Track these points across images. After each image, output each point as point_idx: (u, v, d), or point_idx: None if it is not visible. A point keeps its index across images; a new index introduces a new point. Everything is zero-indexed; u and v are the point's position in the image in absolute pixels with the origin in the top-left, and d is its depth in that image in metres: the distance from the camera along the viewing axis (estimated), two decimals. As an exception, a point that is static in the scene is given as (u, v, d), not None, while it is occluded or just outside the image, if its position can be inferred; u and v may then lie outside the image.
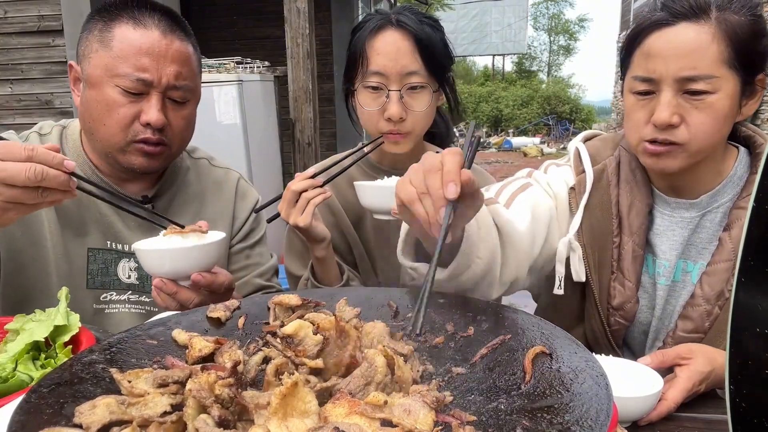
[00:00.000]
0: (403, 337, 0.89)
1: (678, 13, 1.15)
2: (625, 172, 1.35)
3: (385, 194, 1.31)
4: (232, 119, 4.76)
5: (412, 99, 1.45)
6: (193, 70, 1.39)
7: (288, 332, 0.84)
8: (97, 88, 1.30)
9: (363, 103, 1.48)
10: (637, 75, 1.20)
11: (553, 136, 22.83)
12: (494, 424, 0.65)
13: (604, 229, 1.35)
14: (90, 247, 1.40)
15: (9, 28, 5.14)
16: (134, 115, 1.31)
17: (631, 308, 1.33)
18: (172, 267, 1.13)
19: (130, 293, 1.44)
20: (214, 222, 1.53)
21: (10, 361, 0.94)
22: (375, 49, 1.43)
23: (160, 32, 1.31)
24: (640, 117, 1.21)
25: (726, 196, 1.26)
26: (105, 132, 1.32)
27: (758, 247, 0.54)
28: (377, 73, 1.43)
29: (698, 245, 1.29)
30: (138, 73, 1.28)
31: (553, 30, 41.62)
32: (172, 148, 1.39)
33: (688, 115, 1.15)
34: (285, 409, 0.62)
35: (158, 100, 1.31)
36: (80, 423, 0.61)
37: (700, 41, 1.12)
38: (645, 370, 1.01)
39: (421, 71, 1.43)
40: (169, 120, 1.34)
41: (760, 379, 0.57)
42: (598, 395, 0.63)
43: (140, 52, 1.28)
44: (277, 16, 5.20)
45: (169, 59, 1.31)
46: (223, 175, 1.61)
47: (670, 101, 1.14)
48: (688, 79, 1.12)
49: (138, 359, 0.80)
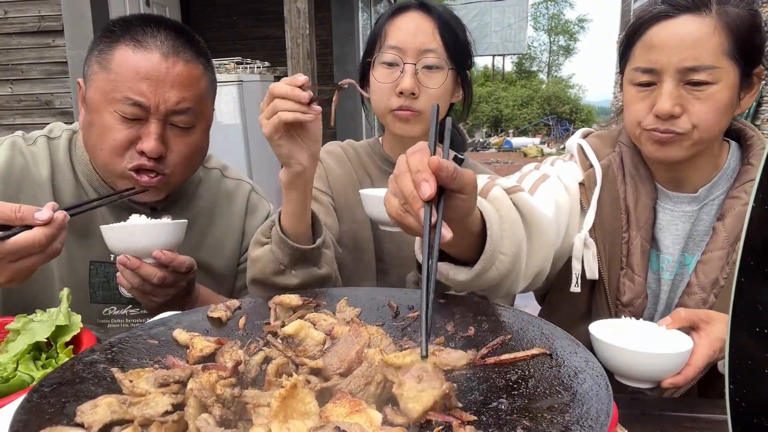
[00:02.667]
0: (403, 338, 0.89)
1: (680, 5, 1.17)
2: (629, 167, 1.36)
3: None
4: (232, 119, 4.77)
5: (428, 78, 1.42)
6: (200, 93, 1.30)
7: (289, 332, 0.84)
8: (96, 112, 1.25)
9: (377, 77, 1.45)
10: (638, 66, 1.21)
11: (553, 136, 22.83)
12: (494, 424, 0.66)
13: (614, 225, 1.35)
14: (92, 260, 1.38)
15: (9, 29, 5.15)
16: (131, 141, 1.25)
17: (640, 304, 1.33)
18: (134, 242, 1.18)
19: (130, 307, 1.42)
20: (223, 238, 1.51)
21: (11, 361, 0.94)
22: (395, 26, 1.43)
23: (161, 54, 1.23)
24: (641, 107, 1.22)
25: (721, 189, 1.29)
26: (102, 158, 1.27)
27: (758, 247, 0.55)
28: (394, 47, 1.41)
29: (696, 238, 1.31)
30: (135, 97, 1.21)
31: (553, 30, 41.65)
32: (172, 177, 1.32)
33: (690, 105, 1.16)
34: (285, 411, 0.62)
35: (157, 127, 1.24)
36: (82, 422, 0.62)
37: (702, 32, 1.14)
38: (673, 332, 1.05)
39: (439, 50, 1.41)
40: (171, 147, 1.28)
41: (760, 379, 0.57)
42: (598, 395, 0.63)
43: (138, 77, 1.22)
44: (277, 16, 5.21)
45: (168, 84, 1.23)
46: (234, 188, 1.56)
47: (671, 91, 1.16)
48: (690, 69, 1.15)
49: (139, 359, 0.80)
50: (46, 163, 1.36)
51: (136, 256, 1.18)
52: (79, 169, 1.39)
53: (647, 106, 1.21)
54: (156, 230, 1.18)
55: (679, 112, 1.17)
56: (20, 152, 1.36)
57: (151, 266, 1.18)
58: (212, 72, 1.37)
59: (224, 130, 4.71)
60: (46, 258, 1.02)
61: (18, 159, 1.35)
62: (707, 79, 1.14)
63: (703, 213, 1.30)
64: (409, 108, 1.42)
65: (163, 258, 1.17)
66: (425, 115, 1.44)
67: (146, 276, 1.18)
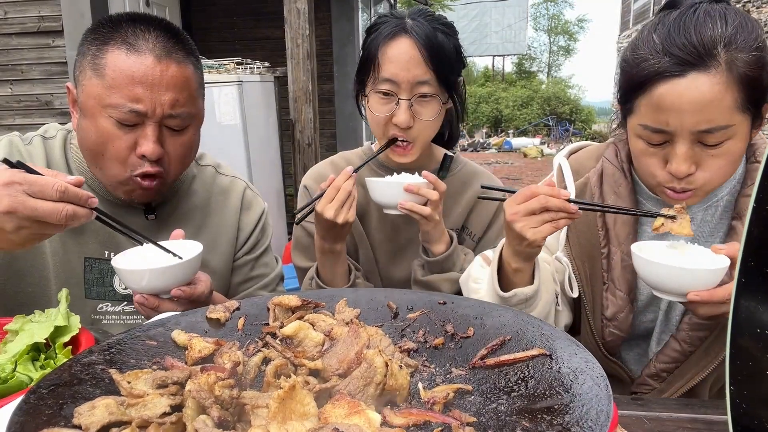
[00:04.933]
0: (402, 338, 0.89)
1: (685, 61, 1.08)
2: (609, 184, 1.35)
3: (394, 190, 1.38)
4: (232, 120, 4.76)
5: (421, 107, 1.46)
6: (192, 94, 1.32)
7: (287, 333, 0.84)
8: (91, 117, 1.25)
9: (373, 108, 1.50)
10: (647, 125, 1.15)
11: (553, 136, 22.82)
12: (494, 425, 0.65)
13: (591, 242, 1.36)
14: (87, 257, 1.39)
15: (9, 29, 5.15)
16: (130, 146, 1.25)
17: (624, 318, 1.33)
18: (151, 285, 1.14)
19: (125, 304, 1.43)
20: (218, 234, 1.51)
21: (9, 361, 0.94)
22: (388, 57, 1.44)
23: (154, 57, 1.23)
24: (654, 162, 1.18)
25: (724, 190, 1.27)
26: (105, 165, 1.28)
27: (758, 248, 0.54)
28: (388, 81, 1.44)
29: (699, 240, 1.29)
30: (131, 104, 1.21)
31: (553, 31, 41.63)
32: (168, 177, 1.33)
33: (705, 162, 1.13)
34: (284, 412, 0.62)
35: (154, 131, 1.25)
36: (79, 424, 0.61)
37: (714, 93, 1.06)
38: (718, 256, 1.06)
39: (431, 81, 1.44)
40: (167, 149, 1.29)
41: (760, 379, 0.57)
42: (598, 396, 0.63)
43: (133, 82, 1.21)
44: (277, 16, 5.20)
45: (164, 87, 1.24)
46: (229, 184, 1.57)
47: (687, 152, 1.12)
48: (704, 131, 1.09)
49: (137, 360, 0.80)
50: (42, 162, 1.37)
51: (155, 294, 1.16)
52: (74, 167, 1.40)
53: (660, 161, 1.17)
54: (173, 271, 1.14)
55: (695, 170, 1.14)
56: (17, 151, 1.37)
57: (169, 303, 1.17)
58: (201, 69, 1.39)
59: (224, 131, 4.70)
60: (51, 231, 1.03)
61: (15, 157, 1.35)
62: (722, 138, 1.10)
63: (708, 215, 1.29)
64: (405, 138, 1.48)
65: (182, 296, 1.16)
66: (420, 141, 1.51)
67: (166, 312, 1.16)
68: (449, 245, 1.48)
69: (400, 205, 1.37)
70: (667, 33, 1.12)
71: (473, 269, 1.35)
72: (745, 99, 1.08)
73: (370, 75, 1.49)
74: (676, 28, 1.11)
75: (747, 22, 1.10)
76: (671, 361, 1.29)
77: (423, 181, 1.39)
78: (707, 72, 1.07)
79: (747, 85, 1.07)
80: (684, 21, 1.11)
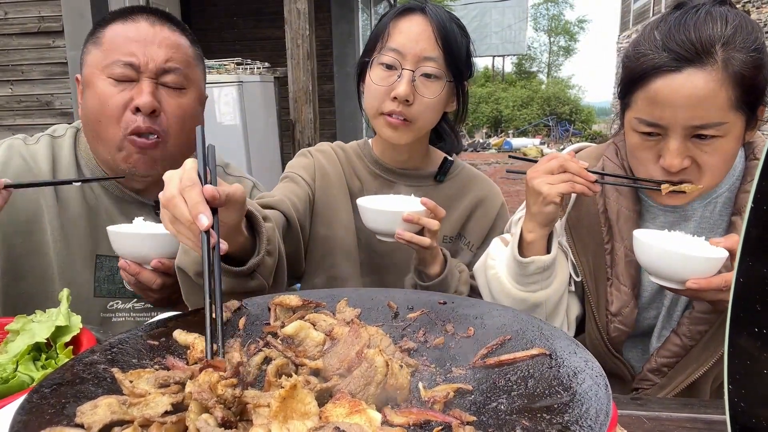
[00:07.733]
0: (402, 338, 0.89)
1: (682, 57, 1.10)
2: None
3: (388, 218, 1.27)
4: (232, 120, 4.77)
5: (424, 86, 1.40)
6: (186, 58, 1.37)
7: (288, 333, 0.84)
8: (92, 87, 1.31)
9: (374, 79, 1.43)
10: (642, 119, 1.17)
11: (553, 137, 22.81)
12: (494, 424, 0.66)
13: (595, 238, 1.36)
14: (99, 254, 1.41)
15: (9, 29, 5.15)
16: (125, 103, 1.29)
17: (629, 313, 1.33)
18: (133, 251, 1.19)
19: (135, 301, 1.44)
20: None
21: (11, 361, 0.94)
22: (398, 28, 1.41)
23: (149, 23, 1.33)
24: (648, 156, 1.20)
25: (723, 187, 1.28)
26: (102, 130, 1.31)
27: (756, 247, 0.55)
28: (394, 50, 1.39)
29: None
30: (125, 58, 1.28)
31: (553, 31, 41.63)
32: (167, 140, 1.34)
33: (698, 157, 1.15)
34: (285, 411, 0.62)
35: (149, 85, 1.30)
36: (82, 423, 0.62)
37: (709, 89, 1.08)
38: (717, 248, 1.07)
39: (438, 60, 1.40)
40: (163, 107, 1.32)
41: (759, 379, 0.57)
42: (597, 395, 0.63)
43: (128, 41, 1.30)
44: (277, 17, 5.21)
45: (156, 44, 1.31)
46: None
47: (679, 147, 1.14)
48: (697, 127, 1.11)
49: (139, 360, 0.80)
50: (47, 159, 1.39)
51: (137, 262, 1.19)
52: (83, 163, 1.42)
53: (653, 155, 1.19)
54: (155, 240, 1.18)
55: (688, 165, 1.15)
56: (18, 154, 1.39)
57: (150, 273, 1.19)
58: (200, 50, 1.43)
59: (224, 131, 4.71)
60: None
61: (15, 161, 1.38)
62: (716, 134, 1.11)
63: (707, 211, 1.30)
64: (402, 114, 1.40)
65: (161, 267, 1.18)
66: (416, 123, 1.43)
67: (146, 282, 1.19)
68: (444, 266, 1.36)
69: (398, 236, 1.25)
70: (668, 30, 1.14)
71: (491, 249, 1.37)
72: (740, 98, 1.10)
73: (377, 46, 1.44)
74: (677, 26, 1.13)
75: (747, 24, 1.12)
76: (672, 355, 1.30)
77: (421, 209, 1.27)
78: (703, 68, 1.09)
79: (742, 84, 1.09)
80: (685, 19, 1.13)
